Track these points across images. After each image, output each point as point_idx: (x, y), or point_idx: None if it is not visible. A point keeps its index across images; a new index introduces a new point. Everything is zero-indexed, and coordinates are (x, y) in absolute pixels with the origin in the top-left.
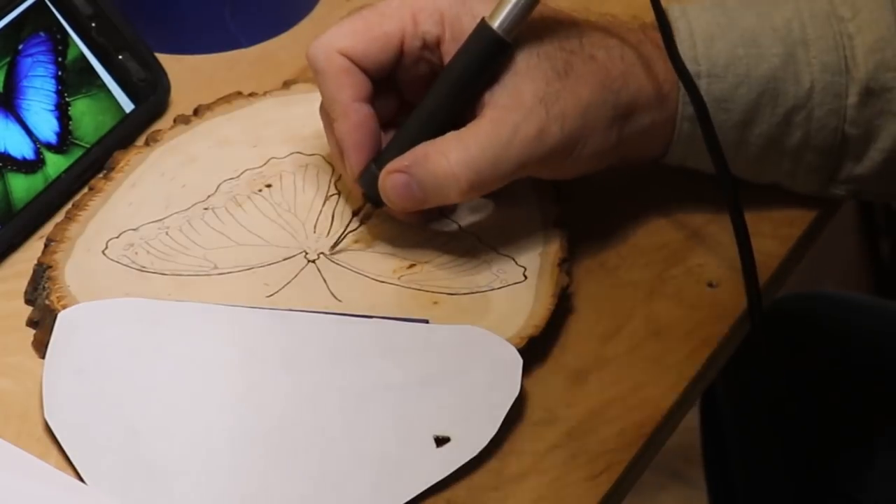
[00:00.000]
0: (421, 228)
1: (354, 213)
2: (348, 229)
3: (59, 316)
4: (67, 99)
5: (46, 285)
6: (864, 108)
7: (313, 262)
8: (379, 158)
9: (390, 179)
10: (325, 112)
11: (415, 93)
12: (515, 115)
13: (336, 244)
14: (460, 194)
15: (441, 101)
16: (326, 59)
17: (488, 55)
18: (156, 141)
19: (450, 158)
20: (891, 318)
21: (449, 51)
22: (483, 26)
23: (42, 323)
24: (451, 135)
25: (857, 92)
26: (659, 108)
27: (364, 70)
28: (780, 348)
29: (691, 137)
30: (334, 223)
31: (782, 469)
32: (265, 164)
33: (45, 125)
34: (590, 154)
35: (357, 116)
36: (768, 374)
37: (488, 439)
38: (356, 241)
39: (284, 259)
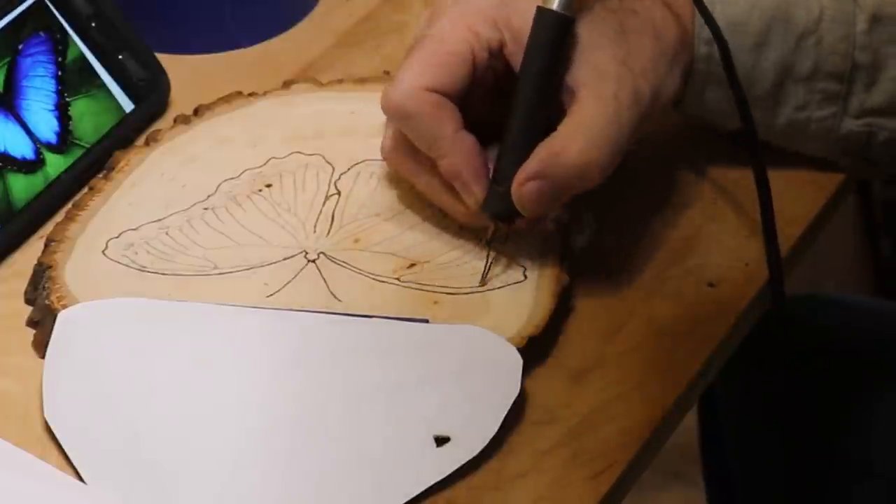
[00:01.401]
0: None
1: (488, 242)
2: (489, 261)
3: (59, 316)
4: (67, 99)
5: (46, 285)
6: (873, 35)
7: (313, 261)
8: (497, 176)
9: (527, 190)
10: (416, 157)
11: (477, 108)
12: (609, 86)
13: (483, 279)
14: (600, 177)
15: (534, 98)
16: (416, 100)
17: (559, 36)
18: (156, 141)
19: (577, 149)
20: (891, 319)
21: (512, 52)
22: (543, 12)
23: (42, 323)
24: (563, 128)
25: (865, 19)
26: (686, 47)
27: (451, 99)
28: (780, 349)
29: (706, 76)
30: (334, 223)
31: (781, 470)
32: (265, 163)
33: (45, 125)
34: (665, 101)
35: (466, 146)
36: (784, 353)
37: (488, 439)
38: (356, 241)
39: (284, 259)
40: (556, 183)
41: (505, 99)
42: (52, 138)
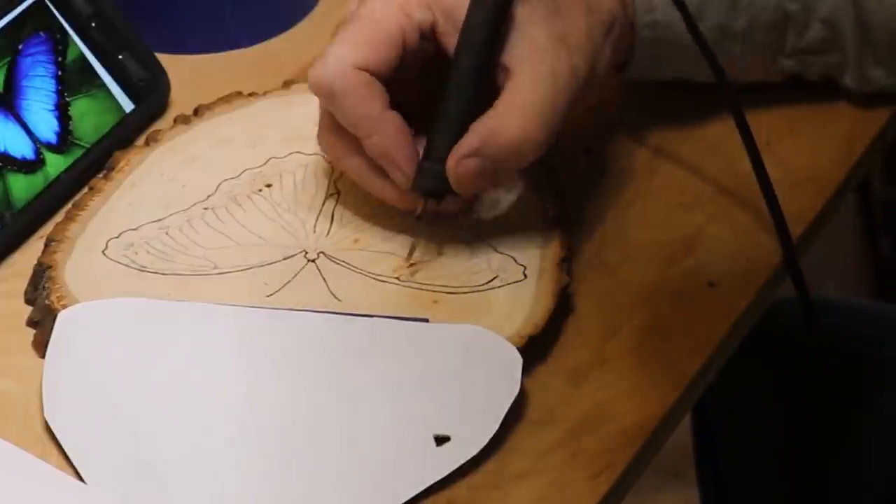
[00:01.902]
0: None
1: (417, 219)
2: (417, 240)
3: (59, 316)
4: (67, 99)
5: (46, 285)
6: None
7: (313, 261)
8: (429, 153)
9: (463, 166)
10: (341, 136)
11: (403, 90)
12: (546, 63)
13: (409, 257)
14: (537, 153)
15: (470, 75)
16: (343, 78)
17: (497, 13)
18: (156, 141)
19: (515, 126)
20: (889, 322)
21: (444, 32)
22: None
23: (42, 323)
24: (500, 105)
25: None
26: (623, 16)
27: (378, 78)
28: (777, 353)
29: (653, 42)
30: (334, 223)
31: (775, 473)
32: (265, 163)
33: (45, 125)
34: (600, 74)
35: (393, 124)
36: (811, 335)
37: (488, 438)
38: (356, 241)
39: (284, 258)
40: (494, 160)
41: (432, 83)
42: (52, 138)
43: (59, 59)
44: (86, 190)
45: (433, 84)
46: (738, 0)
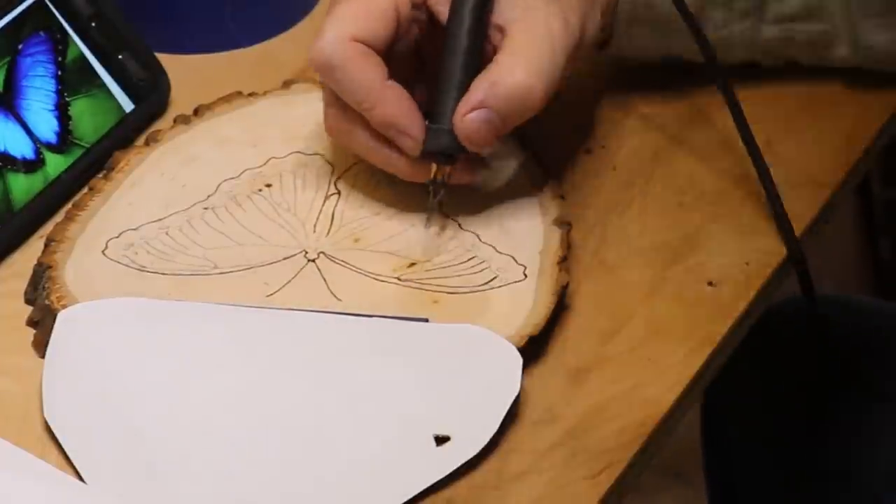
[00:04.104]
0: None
1: (432, 183)
2: (434, 200)
3: (59, 316)
4: (67, 99)
5: (46, 285)
6: None
7: (313, 261)
8: (434, 116)
9: (470, 119)
10: (345, 111)
11: (400, 65)
12: (539, 19)
13: (428, 221)
14: (540, 103)
15: (466, 38)
16: (342, 50)
17: None
18: (156, 141)
19: (518, 74)
20: (891, 320)
21: (437, 1)
22: None
23: (42, 323)
24: (500, 58)
25: None
26: None
27: (375, 50)
28: (780, 351)
29: (631, 17)
30: (334, 222)
31: (782, 472)
32: (265, 163)
33: (45, 125)
34: (591, 37)
35: (395, 92)
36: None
37: (488, 438)
38: (356, 241)
39: (284, 258)
40: (500, 110)
41: (428, 58)
42: (52, 138)
43: (59, 59)
44: (86, 190)
45: (429, 59)
46: None
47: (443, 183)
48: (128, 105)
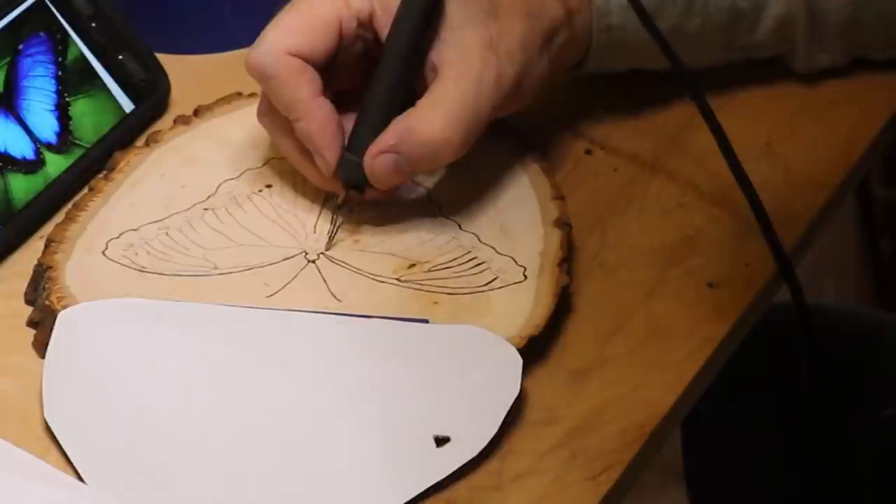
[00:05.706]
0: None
1: (338, 207)
2: (336, 225)
3: (59, 316)
4: (67, 99)
5: (46, 285)
6: None
7: (313, 262)
8: (351, 144)
9: (379, 162)
10: (275, 118)
11: (347, 77)
12: (473, 68)
13: (329, 241)
14: (455, 155)
15: (396, 71)
16: (276, 62)
17: (428, 11)
18: (156, 141)
19: (433, 127)
20: (888, 331)
21: (382, 23)
22: None
23: (42, 323)
24: (421, 105)
25: None
26: (569, 26)
27: (313, 65)
28: (775, 357)
29: (608, 47)
30: (334, 223)
31: (764, 485)
32: (265, 164)
33: (45, 125)
34: (533, 83)
35: (322, 112)
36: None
37: (488, 439)
38: (356, 241)
39: (284, 259)
40: (409, 158)
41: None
42: (52, 138)
43: (59, 59)
44: (86, 190)
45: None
46: (693, 2)
47: (352, 205)
48: (128, 105)
